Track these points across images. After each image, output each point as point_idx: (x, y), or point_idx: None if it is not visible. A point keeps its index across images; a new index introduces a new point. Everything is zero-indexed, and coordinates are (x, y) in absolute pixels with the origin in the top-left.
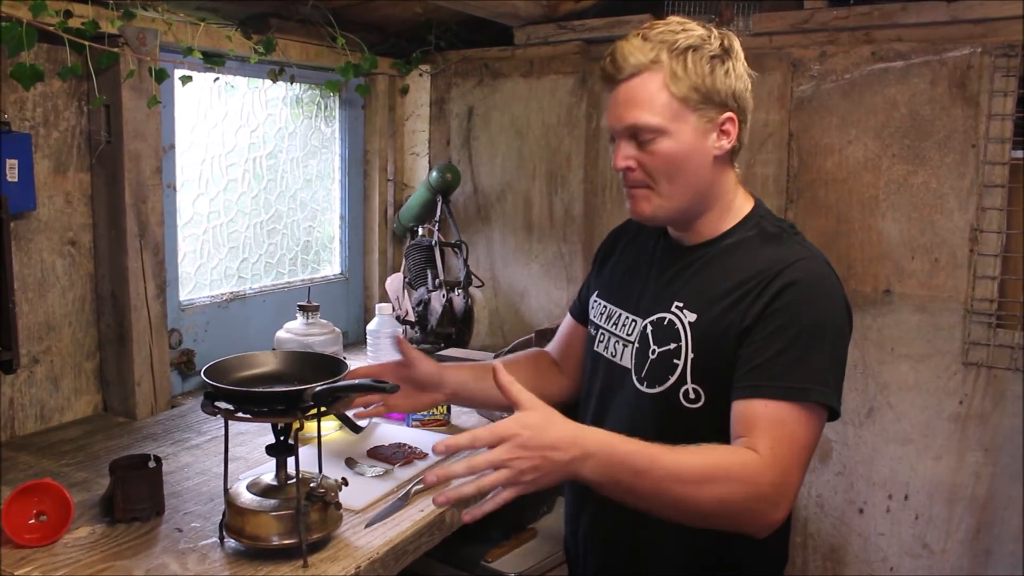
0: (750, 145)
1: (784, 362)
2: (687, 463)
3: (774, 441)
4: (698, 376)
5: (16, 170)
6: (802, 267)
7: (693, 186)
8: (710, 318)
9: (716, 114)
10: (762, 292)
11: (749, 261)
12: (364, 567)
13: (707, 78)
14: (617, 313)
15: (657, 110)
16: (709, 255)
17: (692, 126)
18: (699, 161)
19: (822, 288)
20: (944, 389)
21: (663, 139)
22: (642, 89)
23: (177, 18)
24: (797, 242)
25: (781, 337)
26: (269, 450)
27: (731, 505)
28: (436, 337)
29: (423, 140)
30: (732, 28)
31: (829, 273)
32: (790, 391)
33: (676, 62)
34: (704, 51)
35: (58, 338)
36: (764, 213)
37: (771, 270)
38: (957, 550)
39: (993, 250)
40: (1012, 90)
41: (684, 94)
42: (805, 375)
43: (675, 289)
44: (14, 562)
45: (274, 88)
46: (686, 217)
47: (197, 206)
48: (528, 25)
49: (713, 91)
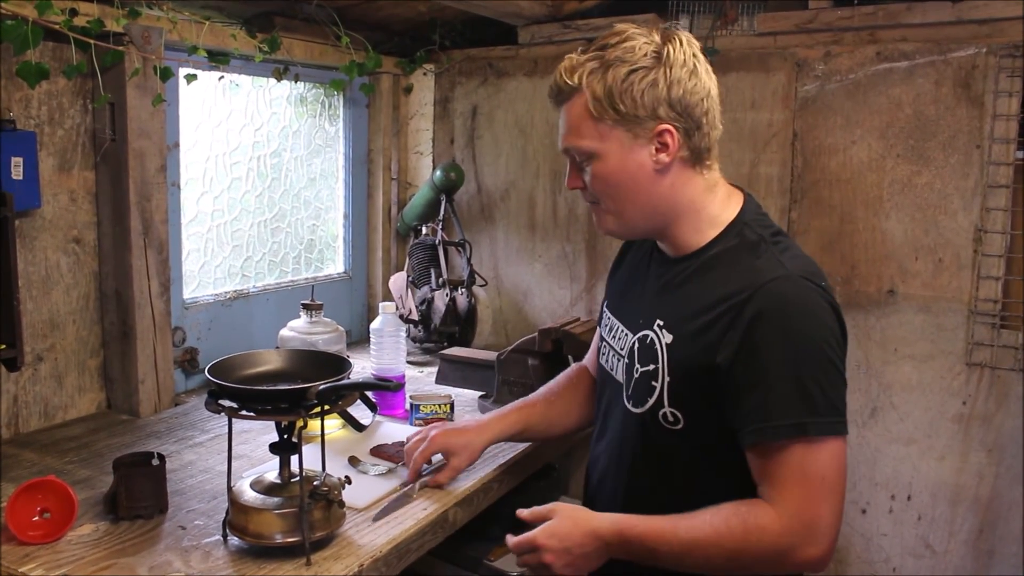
0: (754, 145)
1: (774, 400)
2: (702, 534)
3: (784, 485)
4: (674, 399)
5: (21, 168)
6: (772, 291)
7: (641, 202)
8: (683, 341)
9: (647, 128)
10: (733, 322)
11: (725, 278)
12: (367, 565)
13: (625, 94)
14: (616, 325)
15: (583, 134)
16: (690, 269)
17: (621, 144)
18: (637, 177)
19: (797, 310)
20: (947, 390)
21: (595, 161)
22: (570, 114)
23: (182, 16)
24: (774, 253)
25: (765, 375)
26: (272, 448)
27: (754, 565)
28: (439, 336)
29: (427, 139)
30: (736, 28)
31: (804, 286)
32: (786, 429)
33: (596, 83)
34: (624, 65)
35: (62, 336)
36: (750, 219)
37: (741, 294)
38: (960, 551)
39: (997, 251)
40: (1017, 90)
41: (602, 114)
42: (801, 408)
43: (658, 305)
44: (18, 559)
45: (278, 87)
46: (652, 231)
47: (201, 204)
48: (532, 24)
49: (636, 105)
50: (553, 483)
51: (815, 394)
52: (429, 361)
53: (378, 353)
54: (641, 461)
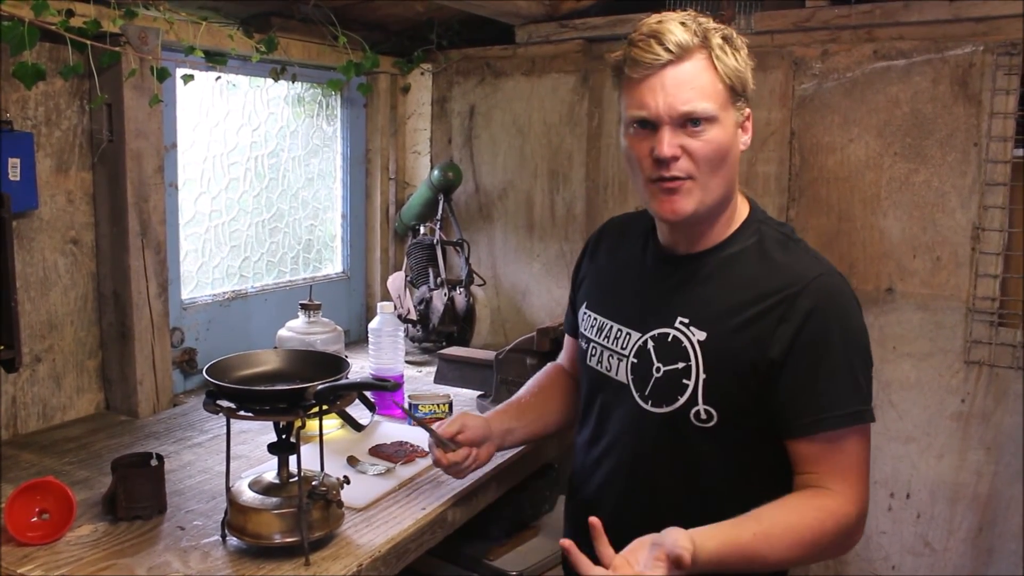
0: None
1: (834, 391)
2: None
3: (845, 472)
4: (711, 397)
5: (18, 169)
6: (823, 286)
7: (729, 181)
8: (722, 337)
9: (742, 109)
10: (787, 313)
11: (759, 274)
12: (366, 565)
13: (745, 74)
14: (609, 325)
15: (711, 96)
16: (710, 265)
17: (732, 118)
18: (735, 155)
19: (845, 305)
20: (946, 388)
21: (714, 127)
22: (695, 74)
23: (179, 17)
24: (802, 250)
25: (823, 366)
26: (271, 448)
27: (832, 552)
28: (438, 336)
29: (425, 139)
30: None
31: (845, 284)
32: (848, 418)
33: (727, 53)
34: (735, 46)
35: (60, 337)
36: (762, 217)
37: (792, 287)
38: (959, 549)
39: (995, 248)
40: (1014, 88)
41: (731, 83)
42: (856, 398)
43: (677, 303)
44: (16, 560)
45: (276, 87)
46: (715, 216)
47: (199, 205)
48: (530, 24)
49: (746, 84)
50: (552, 482)
51: (863, 384)
52: (427, 361)
53: (376, 353)
54: (663, 460)
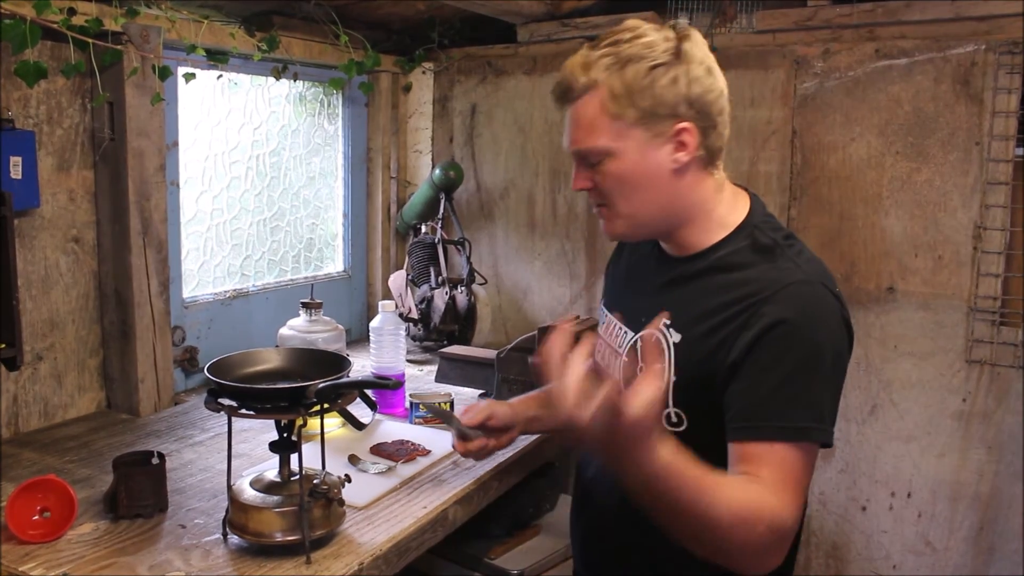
0: (753, 143)
1: (781, 399)
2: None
3: (779, 484)
4: (680, 399)
5: (20, 167)
6: (794, 293)
7: (653, 202)
8: (693, 340)
9: (667, 126)
10: (750, 320)
11: (738, 280)
12: (367, 563)
13: (646, 91)
14: (612, 323)
15: (599, 132)
16: (696, 269)
17: (639, 142)
18: (654, 177)
19: (817, 315)
20: (947, 387)
21: (610, 160)
22: (584, 112)
23: (180, 16)
24: (791, 257)
25: (776, 372)
26: (272, 447)
27: (748, 550)
28: (439, 334)
29: (426, 137)
30: (735, 26)
31: (824, 295)
32: (789, 431)
33: (614, 79)
34: (645, 62)
35: (62, 335)
36: (759, 221)
37: (760, 294)
38: (960, 548)
39: (997, 247)
40: (1016, 87)
41: (622, 112)
42: (804, 413)
43: (661, 304)
44: (18, 558)
45: (277, 85)
46: (661, 233)
47: (200, 203)
48: (531, 23)
49: (657, 103)
50: (552, 480)
51: (820, 402)
52: (429, 359)
53: (378, 351)
54: None
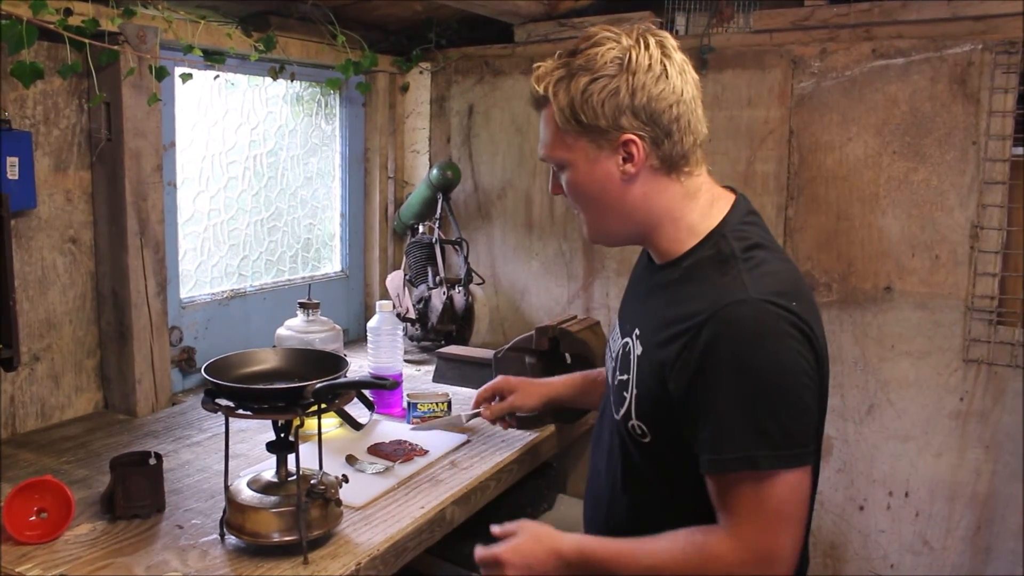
0: (750, 143)
1: (722, 433)
2: (660, 560)
3: (739, 516)
4: (640, 412)
5: (17, 168)
6: (727, 316)
7: (612, 211)
8: (648, 353)
9: (611, 137)
10: (692, 341)
11: (691, 294)
12: (364, 564)
13: (585, 104)
14: (614, 329)
15: (554, 144)
16: (668, 279)
17: (586, 154)
18: (606, 186)
19: (751, 338)
20: (945, 386)
21: (567, 171)
22: (545, 123)
23: (177, 16)
24: (741, 271)
25: (714, 406)
26: (270, 447)
27: None
28: (436, 334)
29: (423, 138)
30: (732, 25)
31: (765, 313)
32: (734, 462)
33: (561, 93)
34: (586, 74)
35: (59, 336)
36: (730, 229)
37: (700, 315)
38: (957, 547)
39: (994, 247)
40: (1013, 87)
41: (566, 125)
42: (748, 442)
43: (639, 312)
44: (15, 559)
45: (274, 86)
46: (630, 239)
47: (198, 204)
48: (528, 23)
49: (597, 116)
50: (550, 481)
51: (768, 427)
52: (426, 359)
53: (375, 352)
54: (622, 470)
